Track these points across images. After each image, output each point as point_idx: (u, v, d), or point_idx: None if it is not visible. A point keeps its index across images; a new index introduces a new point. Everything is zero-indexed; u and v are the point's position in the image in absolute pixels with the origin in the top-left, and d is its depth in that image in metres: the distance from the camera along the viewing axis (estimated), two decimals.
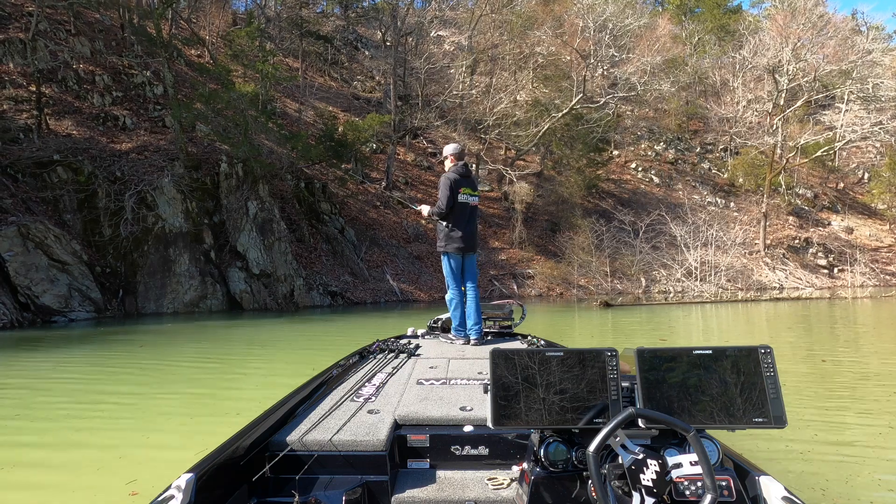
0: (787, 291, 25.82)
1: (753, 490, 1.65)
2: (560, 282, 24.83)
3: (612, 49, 27.67)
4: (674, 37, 36.22)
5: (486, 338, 4.29)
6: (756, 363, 1.61)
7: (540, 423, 1.60)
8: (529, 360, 1.62)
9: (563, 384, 1.61)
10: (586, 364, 1.63)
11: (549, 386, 1.60)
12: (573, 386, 1.61)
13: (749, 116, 33.93)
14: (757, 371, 1.60)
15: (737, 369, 1.60)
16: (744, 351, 1.62)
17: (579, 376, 1.62)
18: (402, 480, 2.02)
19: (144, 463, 3.67)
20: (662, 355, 1.63)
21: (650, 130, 36.72)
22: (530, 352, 1.64)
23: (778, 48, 30.15)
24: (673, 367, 1.62)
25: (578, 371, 1.62)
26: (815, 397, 5.43)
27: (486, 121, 25.53)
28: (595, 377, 1.62)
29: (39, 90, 17.39)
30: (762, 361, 1.61)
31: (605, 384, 1.61)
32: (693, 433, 1.41)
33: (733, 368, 1.60)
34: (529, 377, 1.61)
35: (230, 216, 17.74)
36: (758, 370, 1.60)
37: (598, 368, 1.63)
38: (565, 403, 1.60)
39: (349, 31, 37.81)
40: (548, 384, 1.60)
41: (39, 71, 17.82)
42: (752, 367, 1.60)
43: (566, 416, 1.59)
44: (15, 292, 13.54)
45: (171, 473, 1.94)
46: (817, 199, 34.17)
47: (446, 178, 4.22)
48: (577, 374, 1.62)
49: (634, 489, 1.43)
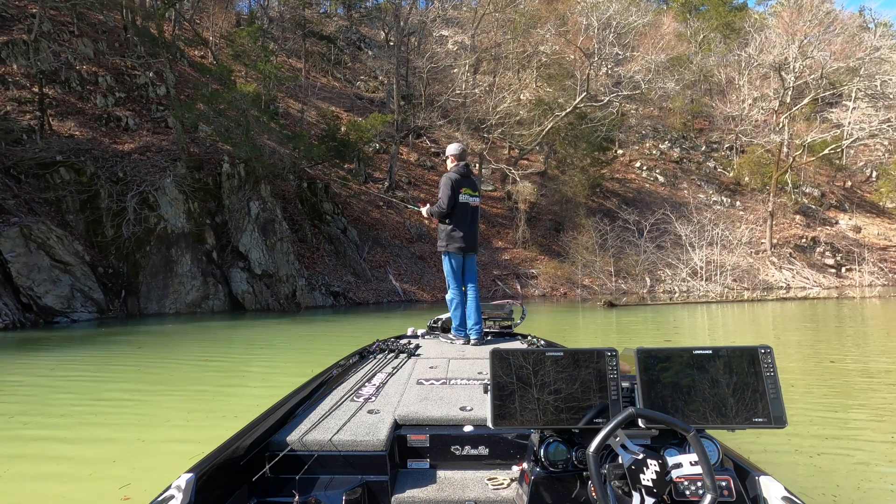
0: (794, 291, 25.55)
1: (753, 490, 1.65)
2: (564, 282, 24.68)
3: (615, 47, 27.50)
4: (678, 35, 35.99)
5: (487, 338, 4.28)
6: (756, 363, 1.60)
7: (540, 423, 1.60)
8: (529, 360, 1.62)
9: (563, 384, 1.61)
10: (586, 364, 1.63)
11: (549, 386, 1.60)
12: (573, 386, 1.61)
13: (755, 114, 33.64)
14: (757, 371, 1.59)
15: (737, 369, 1.60)
16: (744, 351, 1.61)
17: (579, 376, 1.61)
18: (402, 480, 2.02)
19: (140, 465, 3.61)
20: (662, 355, 1.63)
21: (655, 129, 36.49)
22: (530, 352, 1.64)
23: (784, 45, 29.86)
24: (673, 367, 1.61)
25: (578, 371, 1.62)
26: (822, 397, 5.29)
27: (489, 120, 25.41)
28: (595, 377, 1.62)
29: (42, 91, 17.43)
30: (762, 361, 1.60)
31: (605, 384, 1.61)
32: (693, 433, 1.41)
33: (733, 368, 1.60)
34: (529, 377, 1.61)
35: (232, 216, 17.72)
36: (758, 370, 1.59)
37: (598, 368, 1.62)
38: (565, 403, 1.60)
39: (352, 31, 37.81)
40: (548, 384, 1.60)
41: (43, 72, 17.86)
42: (752, 367, 1.60)
43: (566, 416, 1.59)
44: (17, 293, 13.54)
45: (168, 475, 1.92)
46: (824, 197, 33.83)
47: (447, 178, 4.25)
48: (577, 374, 1.62)
49: (634, 489, 1.43)
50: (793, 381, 6.00)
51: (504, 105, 25.71)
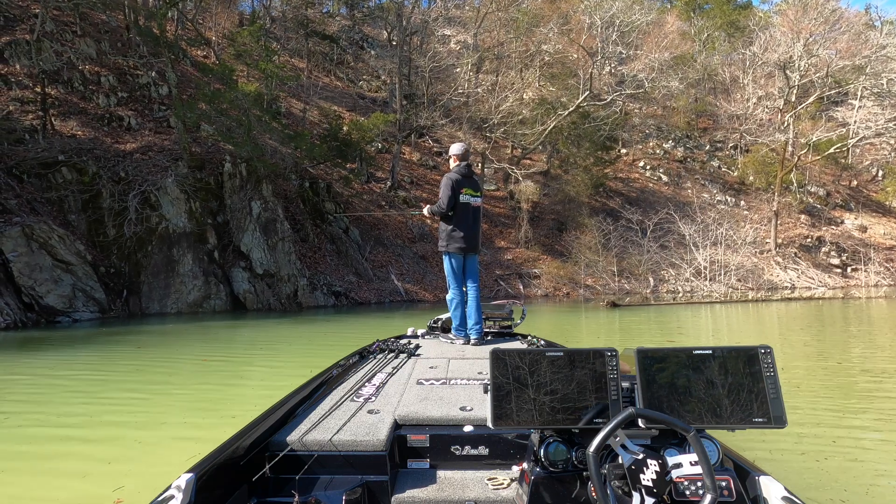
0: (799, 291, 25.35)
1: (753, 490, 1.64)
2: (566, 282, 24.56)
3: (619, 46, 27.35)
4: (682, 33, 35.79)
5: (487, 338, 4.28)
6: (756, 363, 1.60)
7: (540, 423, 1.59)
8: (529, 360, 1.62)
9: (563, 384, 1.60)
10: (586, 364, 1.62)
11: (549, 386, 1.60)
12: (573, 386, 1.60)
13: (759, 113, 33.42)
14: (757, 371, 1.59)
15: (737, 369, 1.59)
16: (744, 351, 1.61)
17: (579, 376, 1.61)
18: (402, 480, 2.02)
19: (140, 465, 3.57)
20: (662, 355, 1.62)
21: (658, 128, 36.31)
22: (530, 352, 1.63)
23: (789, 44, 29.64)
24: (673, 367, 1.61)
25: (578, 371, 1.61)
26: (826, 398, 5.20)
27: (492, 119, 25.30)
28: (595, 377, 1.61)
29: (44, 91, 17.45)
30: (762, 361, 1.60)
31: (605, 384, 1.61)
32: (693, 433, 1.41)
33: (733, 368, 1.59)
34: (529, 377, 1.60)
35: (234, 216, 17.69)
36: (758, 370, 1.59)
37: (598, 368, 1.62)
38: (565, 403, 1.59)
39: (355, 30, 37.79)
40: (548, 384, 1.60)
41: (45, 72, 17.89)
42: (752, 367, 1.59)
43: (566, 416, 1.59)
44: (19, 293, 13.55)
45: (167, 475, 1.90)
46: (830, 196, 33.58)
47: (448, 179, 4.25)
48: (577, 374, 1.61)
49: (634, 489, 1.43)
50: (798, 382, 5.90)
51: (507, 104, 25.60)
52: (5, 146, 15.93)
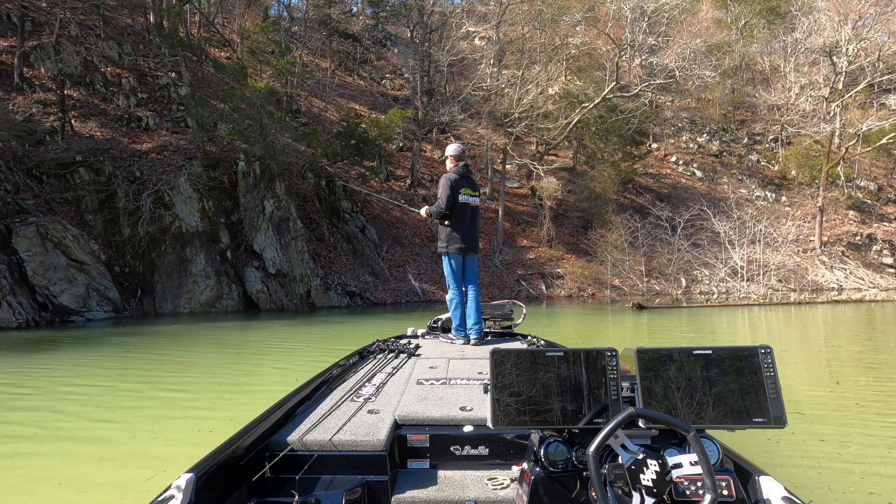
0: (848, 293, 23.53)
1: (753, 490, 1.63)
2: (592, 282, 23.52)
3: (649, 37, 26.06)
4: (717, 21, 34.02)
5: (487, 338, 4.30)
6: (756, 363, 1.59)
7: (540, 423, 1.59)
8: (529, 360, 1.62)
9: (563, 384, 1.60)
10: (586, 364, 1.62)
11: (549, 386, 1.60)
12: (573, 386, 1.60)
13: (802, 103, 31.40)
14: (757, 371, 1.58)
15: (737, 369, 1.59)
16: (744, 351, 1.61)
17: (579, 376, 1.61)
18: (402, 480, 2.02)
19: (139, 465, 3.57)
20: (662, 355, 1.62)
21: (692, 121, 34.64)
22: (530, 352, 1.63)
23: (836, 27, 27.66)
24: (673, 367, 1.61)
25: (578, 371, 1.61)
26: (879, 414, 4.32)
27: (513, 113, 24.46)
28: (595, 377, 1.61)
29: (63, 93, 17.69)
30: (762, 361, 1.59)
31: (605, 384, 1.61)
32: (693, 433, 1.41)
33: (733, 369, 1.59)
34: (529, 377, 1.60)
35: (247, 215, 17.52)
36: (758, 370, 1.59)
37: (598, 368, 1.62)
38: (565, 403, 1.59)
39: (378, 29, 37.55)
40: (548, 384, 1.60)
41: (66, 74, 18.15)
42: (753, 367, 1.59)
43: (566, 417, 1.59)
44: (33, 292, 13.65)
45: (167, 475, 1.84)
46: (881, 191, 31.27)
47: (446, 179, 4.26)
48: (576, 374, 1.61)
49: (634, 489, 1.43)
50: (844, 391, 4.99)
51: (528, 97, 24.71)
52: (26, 147, 16.18)
